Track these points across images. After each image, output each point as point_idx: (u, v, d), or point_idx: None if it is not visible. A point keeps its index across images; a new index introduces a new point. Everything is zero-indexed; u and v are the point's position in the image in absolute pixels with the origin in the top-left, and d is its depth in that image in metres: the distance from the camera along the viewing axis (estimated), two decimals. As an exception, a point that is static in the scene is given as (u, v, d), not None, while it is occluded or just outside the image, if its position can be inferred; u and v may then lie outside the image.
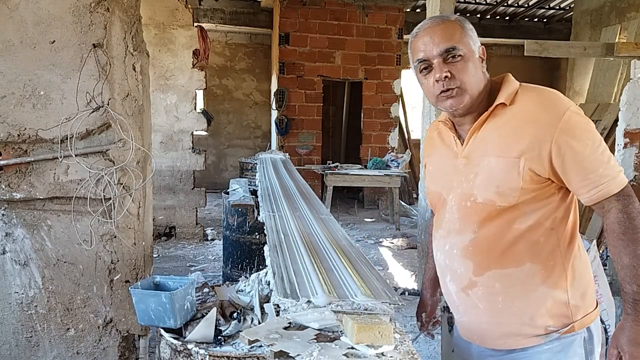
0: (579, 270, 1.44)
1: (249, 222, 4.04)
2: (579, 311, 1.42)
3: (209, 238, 6.54)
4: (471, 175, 1.42)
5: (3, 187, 2.31)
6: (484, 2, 9.86)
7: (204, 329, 1.59)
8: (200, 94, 9.50)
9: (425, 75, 1.42)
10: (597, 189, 1.33)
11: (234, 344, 1.55)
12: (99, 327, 2.45)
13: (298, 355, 1.35)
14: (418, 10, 10.03)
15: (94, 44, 2.31)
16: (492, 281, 1.42)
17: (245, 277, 2.13)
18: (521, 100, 1.39)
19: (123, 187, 2.40)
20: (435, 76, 1.38)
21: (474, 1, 9.84)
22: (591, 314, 1.45)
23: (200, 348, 1.52)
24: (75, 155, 2.30)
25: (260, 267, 3.44)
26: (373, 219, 8.22)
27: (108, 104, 2.34)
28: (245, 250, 4.08)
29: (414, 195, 8.98)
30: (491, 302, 1.44)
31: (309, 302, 1.65)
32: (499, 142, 1.38)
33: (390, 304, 1.65)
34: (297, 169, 5.31)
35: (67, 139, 2.29)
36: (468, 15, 10.35)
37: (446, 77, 1.36)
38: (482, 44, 1.44)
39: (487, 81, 1.43)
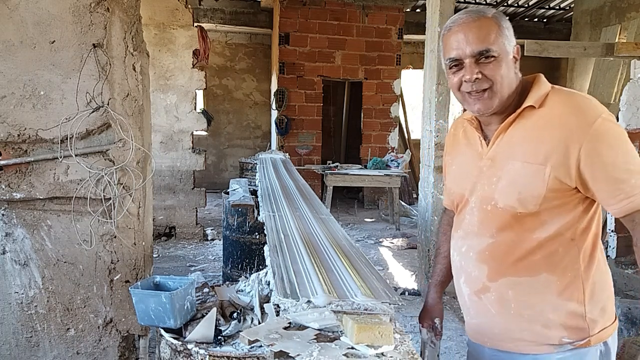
0: (600, 284, 1.39)
1: (249, 222, 4.04)
2: (597, 325, 1.37)
3: (209, 238, 6.53)
4: (494, 178, 1.38)
5: (3, 187, 2.31)
6: (484, 2, 9.86)
7: (204, 329, 1.59)
8: (200, 94, 9.51)
9: (454, 72, 1.36)
10: (628, 199, 1.26)
11: (234, 344, 1.55)
12: (99, 327, 2.45)
13: (298, 355, 1.35)
14: (418, 10, 10.03)
15: (94, 44, 2.31)
16: (506, 288, 1.39)
17: (245, 277, 2.13)
18: (551, 104, 1.33)
19: (123, 187, 2.39)
20: (465, 77, 1.33)
21: (474, 1, 9.84)
22: (609, 328, 1.40)
23: (200, 348, 1.52)
24: (75, 155, 2.30)
25: (260, 267, 3.44)
26: (373, 219, 8.22)
27: (108, 104, 2.34)
28: (245, 250, 4.08)
29: (414, 195, 8.98)
30: (503, 308, 1.41)
31: (309, 302, 1.65)
32: (525, 146, 1.33)
33: (390, 304, 1.65)
34: (297, 169, 5.31)
35: (67, 139, 2.29)
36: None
37: (477, 79, 1.31)
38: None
39: (518, 81, 1.37)
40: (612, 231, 4.55)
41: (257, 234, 4.00)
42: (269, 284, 1.91)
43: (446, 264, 1.67)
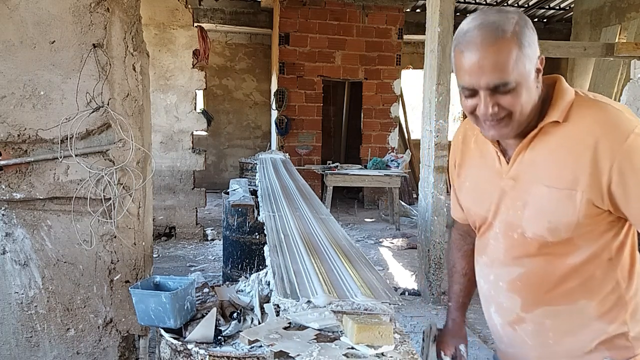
0: None
1: (249, 222, 4.04)
2: None
3: (209, 238, 6.53)
4: (518, 203, 1.25)
5: (3, 187, 2.31)
6: (484, 2, 9.86)
7: (204, 329, 1.59)
8: (200, 94, 9.51)
9: (468, 97, 1.19)
10: None
11: (234, 344, 1.55)
12: (99, 327, 2.45)
13: (298, 355, 1.35)
14: (418, 10, 10.03)
15: (94, 44, 2.31)
16: (542, 318, 1.29)
17: (245, 277, 2.13)
18: (577, 117, 1.18)
19: (123, 187, 2.40)
20: (480, 109, 1.17)
21: (474, 1, 9.84)
22: None
23: (200, 348, 1.52)
24: (75, 156, 2.30)
25: (260, 267, 3.44)
26: (373, 219, 8.22)
27: (108, 104, 2.34)
28: (245, 250, 4.08)
29: (414, 195, 8.98)
30: (541, 338, 1.31)
31: (309, 302, 1.65)
32: (552, 167, 1.19)
33: (390, 304, 1.65)
34: (297, 169, 5.31)
35: (67, 139, 2.29)
36: (468, 15, 10.34)
37: (493, 112, 1.16)
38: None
39: (540, 93, 1.20)
40: None
41: (257, 234, 4.00)
42: (269, 284, 1.91)
43: (465, 283, 1.56)
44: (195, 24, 6.64)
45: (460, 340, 1.57)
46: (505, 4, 9.81)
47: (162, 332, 1.65)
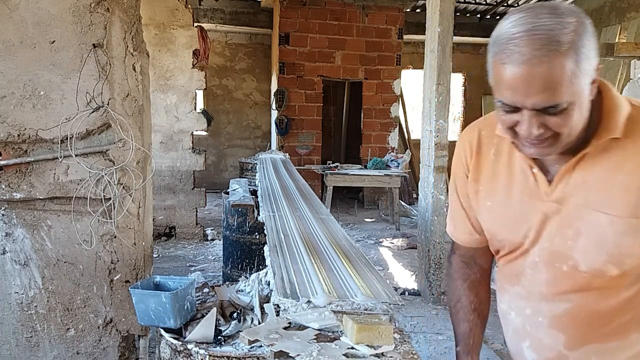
0: None
1: (249, 222, 4.04)
2: None
3: (209, 238, 6.53)
4: (569, 231, 1.07)
5: (3, 187, 2.31)
6: (484, 2, 9.86)
7: (204, 329, 1.59)
8: (200, 94, 9.51)
9: (507, 112, 1.00)
10: None
11: (234, 344, 1.55)
12: (99, 327, 2.45)
13: (298, 355, 1.35)
14: (418, 10, 10.03)
15: (94, 44, 2.31)
16: (589, 356, 1.13)
17: (245, 277, 2.13)
18: (638, 133, 1.01)
19: (123, 187, 2.40)
20: (522, 129, 0.98)
21: (474, 1, 9.84)
22: None
23: (200, 348, 1.52)
24: (75, 156, 2.30)
25: (260, 267, 3.44)
26: (373, 219, 8.22)
27: (108, 104, 2.34)
28: (245, 250, 4.08)
29: (414, 195, 8.98)
30: None
31: (309, 302, 1.65)
32: (611, 192, 1.02)
33: (390, 304, 1.65)
34: (297, 169, 5.31)
35: (67, 139, 2.29)
36: (468, 15, 10.36)
37: (539, 134, 0.97)
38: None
39: (591, 104, 1.01)
40: None
41: (257, 234, 4.00)
42: (269, 284, 1.91)
43: (475, 320, 1.31)
44: (195, 24, 6.64)
45: None
46: (505, 4, 9.82)
47: (162, 332, 1.65)
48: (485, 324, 1.33)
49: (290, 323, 1.55)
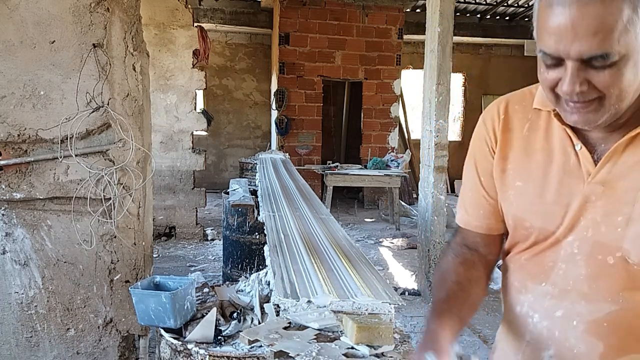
0: None
1: (249, 222, 4.04)
2: None
3: (209, 238, 6.54)
4: (617, 217, 0.92)
5: (3, 187, 2.31)
6: (484, 2, 9.86)
7: (204, 329, 1.59)
8: (200, 94, 9.51)
9: (550, 66, 0.87)
10: None
11: (234, 344, 1.55)
12: (99, 327, 2.45)
13: (298, 355, 1.35)
14: (418, 10, 10.03)
15: (94, 44, 2.31)
16: None
17: (245, 277, 2.13)
18: None
19: (123, 187, 2.40)
20: (563, 85, 0.85)
21: (474, 1, 9.84)
22: None
23: (200, 348, 1.52)
24: (75, 155, 2.31)
25: (260, 267, 3.44)
26: (373, 219, 8.22)
27: (108, 104, 2.34)
28: (245, 250, 4.08)
29: (414, 195, 8.98)
30: None
31: (309, 302, 1.65)
32: None
33: (390, 304, 1.65)
34: (297, 169, 5.31)
35: (67, 139, 2.29)
36: (468, 15, 10.36)
37: (581, 91, 0.84)
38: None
39: None
40: None
41: (257, 234, 4.00)
42: (269, 284, 1.91)
43: (455, 290, 1.07)
44: (195, 24, 6.64)
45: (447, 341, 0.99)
46: (505, 4, 9.83)
47: (162, 332, 1.65)
48: (472, 311, 1.09)
49: (290, 323, 1.55)
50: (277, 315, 1.65)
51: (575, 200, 0.96)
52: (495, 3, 9.78)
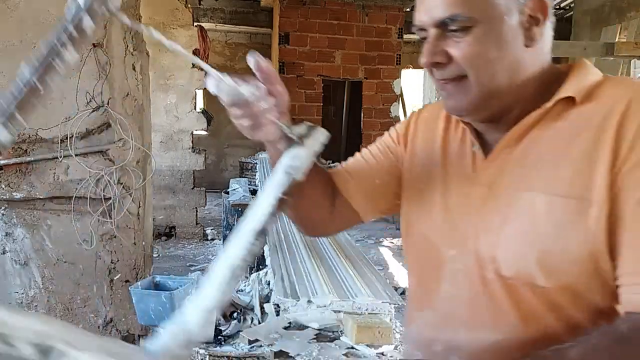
0: None
1: (249, 222, 4.04)
2: None
3: (209, 238, 6.53)
4: (495, 219, 0.75)
5: (3, 187, 2.31)
6: (484, 2, 9.86)
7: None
8: (200, 93, 9.51)
9: (421, 42, 0.82)
10: None
11: (234, 343, 1.55)
12: (99, 327, 2.45)
13: (298, 355, 1.35)
14: (418, 10, 10.03)
15: (93, 44, 2.31)
16: None
17: (245, 277, 2.13)
18: (603, 97, 0.73)
19: (123, 187, 2.39)
20: (422, 58, 0.79)
21: (474, 1, 9.84)
22: None
23: (200, 348, 1.52)
24: (75, 155, 2.30)
25: (260, 267, 3.44)
26: (373, 219, 8.23)
27: (108, 104, 2.34)
28: (245, 250, 4.08)
29: (414, 195, 8.98)
30: None
31: (309, 302, 1.65)
32: (555, 166, 0.72)
33: (390, 304, 1.65)
34: (297, 168, 5.30)
35: (67, 138, 2.29)
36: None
37: (436, 63, 0.76)
38: None
39: (540, 66, 0.77)
40: None
41: (257, 233, 4.00)
42: (269, 284, 1.92)
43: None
44: (195, 24, 6.65)
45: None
46: (505, 4, 9.80)
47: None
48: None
49: (290, 323, 1.56)
50: (277, 315, 1.65)
51: (460, 207, 0.81)
52: (495, 3, 9.77)
